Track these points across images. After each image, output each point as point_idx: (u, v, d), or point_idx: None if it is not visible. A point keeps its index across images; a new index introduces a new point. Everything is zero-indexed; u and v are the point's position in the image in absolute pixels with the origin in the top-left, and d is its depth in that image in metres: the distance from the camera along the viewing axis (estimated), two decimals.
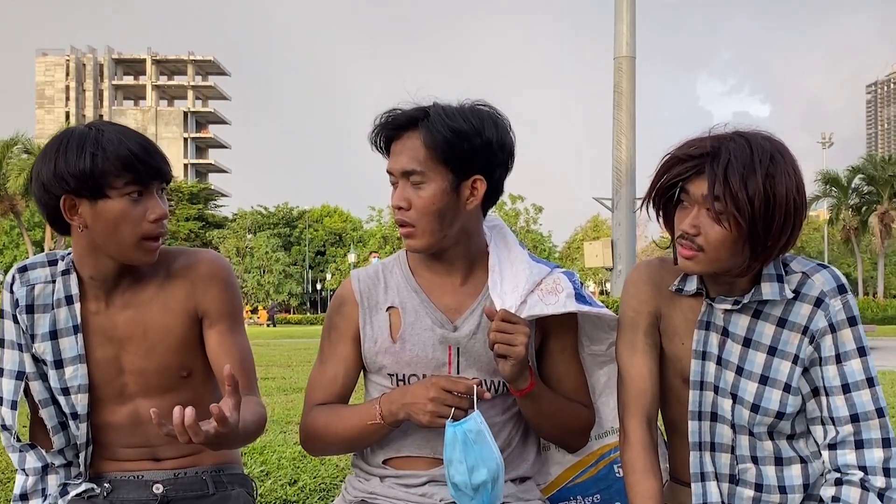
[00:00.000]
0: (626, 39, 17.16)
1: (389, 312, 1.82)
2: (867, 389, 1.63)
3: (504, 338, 1.65)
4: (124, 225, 1.69)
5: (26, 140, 43.16)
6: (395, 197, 1.75)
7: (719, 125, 1.64)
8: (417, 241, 1.76)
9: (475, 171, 1.73)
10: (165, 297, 1.82)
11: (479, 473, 1.61)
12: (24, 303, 1.81)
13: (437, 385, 1.66)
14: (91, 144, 1.66)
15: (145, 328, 1.80)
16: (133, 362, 1.81)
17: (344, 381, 1.86)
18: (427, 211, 1.73)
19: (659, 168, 1.65)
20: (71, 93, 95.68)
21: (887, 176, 43.19)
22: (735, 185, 1.53)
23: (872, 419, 1.63)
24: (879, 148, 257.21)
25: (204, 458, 1.90)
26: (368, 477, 1.85)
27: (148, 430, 1.82)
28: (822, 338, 1.65)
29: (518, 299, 1.74)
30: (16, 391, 1.82)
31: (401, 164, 1.73)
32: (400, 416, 1.70)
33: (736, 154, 1.55)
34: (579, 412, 1.86)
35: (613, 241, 17.72)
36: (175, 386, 1.84)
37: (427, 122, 1.71)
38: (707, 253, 1.59)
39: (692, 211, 1.60)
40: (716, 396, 1.71)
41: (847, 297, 1.65)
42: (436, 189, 1.72)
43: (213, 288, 1.85)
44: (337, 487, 3.38)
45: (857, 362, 1.64)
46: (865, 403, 1.63)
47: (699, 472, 1.71)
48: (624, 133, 17.41)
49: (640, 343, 1.78)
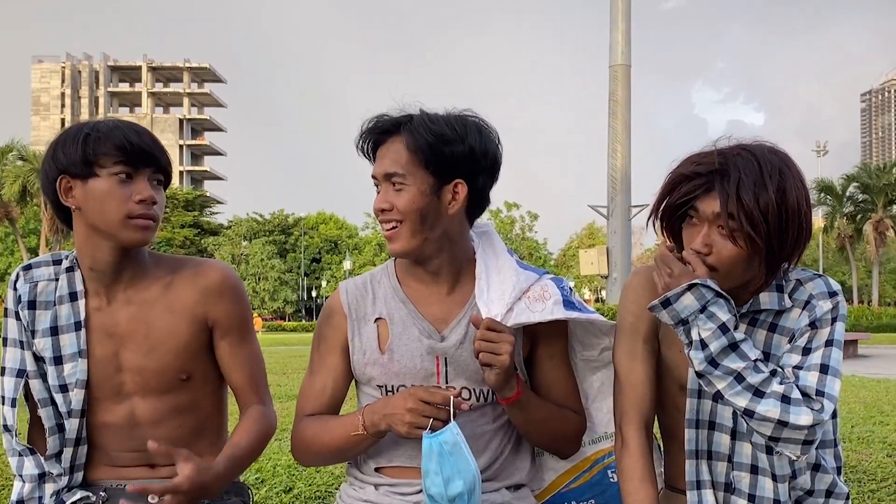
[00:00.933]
0: (622, 48, 17.24)
1: (377, 324, 1.82)
2: (815, 372, 1.56)
3: (489, 346, 1.65)
4: (110, 203, 1.73)
5: (21, 147, 43.15)
6: (378, 200, 1.77)
7: (722, 138, 1.63)
8: (399, 244, 1.76)
9: (456, 175, 1.75)
10: (170, 300, 1.84)
11: (454, 485, 1.60)
12: (27, 298, 1.83)
13: (415, 396, 1.65)
14: (88, 128, 1.75)
15: (148, 327, 1.82)
16: (132, 360, 1.82)
17: (333, 391, 1.86)
18: (408, 210, 1.73)
19: (665, 186, 1.64)
20: (67, 99, 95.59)
21: (882, 184, 43.34)
22: (749, 202, 1.52)
23: (810, 386, 1.54)
24: (874, 156, 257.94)
25: None
26: (363, 485, 1.85)
27: (143, 434, 1.82)
28: (802, 334, 1.62)
29: (504, 307, 1.74)
30: (16, 389, 1.82)
31: (383, 167, 1.75)
32: (381, 426, 1.70)
33: (745, 170, 1.54)
34: (570, 419, 1.86)
35: (609, 249, 17.76)
36: (173, 388, 1.85)
37: (410, 126, 1.73)
38: (719, 271, 1.57)
39: (703, 228, 1.59)
40: (714, 404, 1.71)
41: (837, 299, 1.64)
42: (416, 191, 1.73)
43: (223, 299, 1.87)
44: (332, 495, 3.37)
45: (819, 352, 1.58)
46: (809, 380, 1.54)
47: (695, 479, 1.71)
48: (619, 141, 17.47)
49: (640, 349, 1.78)
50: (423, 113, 1.76)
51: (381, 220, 1.78)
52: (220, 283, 1.87)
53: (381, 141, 1.78)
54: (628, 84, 17.35)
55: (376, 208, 1.78)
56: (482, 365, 1.68)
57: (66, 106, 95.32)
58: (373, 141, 1.79)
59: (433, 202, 1.74)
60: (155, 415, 1.84)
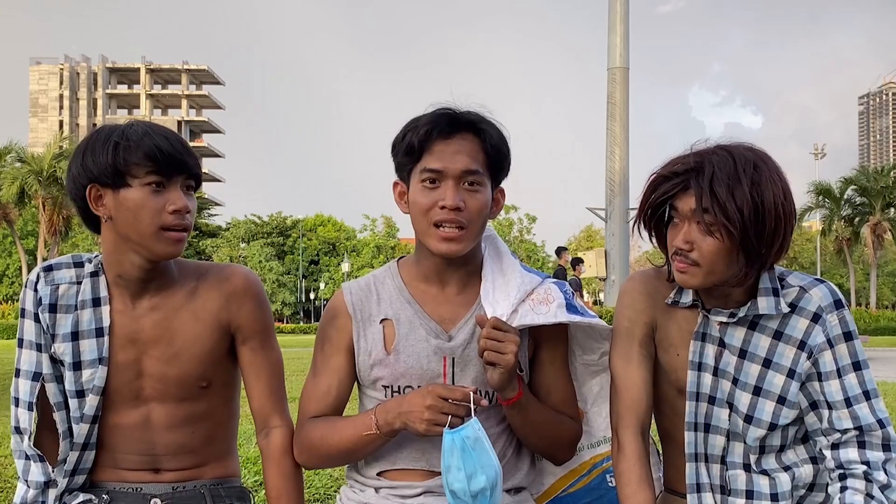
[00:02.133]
0: (620, 51, 17.26)
1: (383, 325, 1.82)
2: (865, 402, 1.65)
3: (494, 345, 1.65)
4: (144, 214, 1.70)
5: (20, 148, 42.99)
6: (452, 197, 1.70)
7: (700, 141, 1.67)
8: (462, 246, 1.74)
9: (500, 181, 1.80)
10: (196, 306, 1.83)
11: (477, 480, 1.61)
12: (48, 301, 1.81)
13: (433, 393, 1.65)
14: (117, 135, 1.71)
15: (172, 334, 1.80)
16: (154, 367, 1.81)
17: (338, 393, 1.85)
18: (480, 215, 1.74)
19: (646, 188, 1.68)
20: (65, 101, 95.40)
21: (880, 187, 43.32)
22: (722, 195, 1.55)
23: (875, 430, 1.65)
24: (872, 159, 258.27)
25: (204, 472, 1.90)
26: (363, 488, 1.85)
27: (155, 437, 1.83)
28: (821, 354, 1.66)
29: (509, 308, 1.75)
30: (31, 392, 1.80)
31: (463, 163, 1.72)
32: (396, 425, 1.69)
33: (719, 166, 1.58)
34: (567, 424, 1.86)
35: (607, 252, 17.78)
36: (191, 396, 1.84)
37: (485, 125, 1.75)
38: (702, 266, 1.61)
39: (683, 227, 1.62)
40: (711, 407, 1.72)
41: (844, 311, 1.67)
42: (487, 194, 1.76)
43: (247, 304, 1.86)
44: (331, 498, 3.37)
45: (853, 376, 1.66)
46: (867, 415, 1.65)
47: (695, 482, 1.72)
48: (617, 144, 17.48)
49: (635, 354, 1.79)
50: (483, 114, 1.77)
51: (446, 220, 1.71)
52: (244, 288, 1.86)
53: (449, 134, 1.73)
54: (626, 87, 17.36)
55: (451, 205, 1.70)
56: (486, 364, 1.67)
57: (65, 108, 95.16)
58: (439, 132, 1.72)
59: (489, 207, 1.77)
60: (170, 421, 1.83)
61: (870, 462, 1.64)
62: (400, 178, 1.81)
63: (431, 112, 1.75)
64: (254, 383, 1.90)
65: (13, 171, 41.25)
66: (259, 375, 1.89)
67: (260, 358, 1.89)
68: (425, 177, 1.72)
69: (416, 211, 1.75)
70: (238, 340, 1.88)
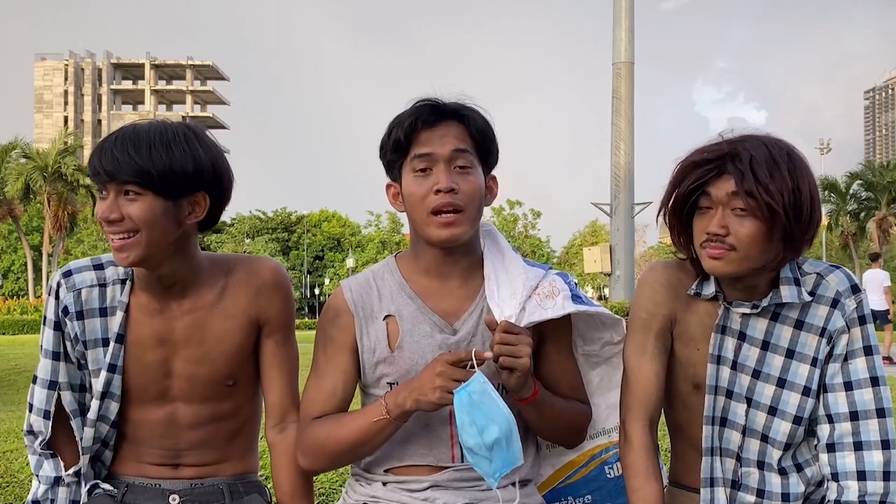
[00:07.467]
0: (625, 45, 17.21)
1: (387, 321, 1.81)
2: (869, 388, 1.64)
3: (508, 350, 1.64)
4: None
5: (25, 144, 43.11)
6: (445, 179, 1.71)
7: (727, 131, 1.66)
8: (462, 229, 1.73)
9: (491, 167, 1.80)
10: (226, 304, 1.82)
11: (490, 432, 1.60)
12: (74, 309, 1.79)
13: (440, 361, 1.65)
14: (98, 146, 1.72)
15: (203, 334, 1.80)
16: (184, 367, 1.80)
17: (343, 393, 1.84)
18: (475, 197, 1.74)
19: (675, 175, 1.66)
20: (69, 97, 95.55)
21: (885, 182, 43.21)
22: (764, 178, 1.55)
23: (871, 419, 1.63)
24: (878, 154, 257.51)
25: (223, 469, 1.90)
26: (370, 481, 1.84)
27: (179, 434, 1.83)
28: (839, 337, 1.66)
29: (517, 307, 1.73)
30: (48, 401, 1.81)
31: (451, 144, 1.73)
32: (407, 405, 1.67)
33: (755, 151, 1.58)
34: (580, 410, 1.86)
35: (612, 247, 17.72)
36: (218, 395, 1.84)
37: (468, 111, 1.76)
38: (739, 251, 1.59)
39: (716, 213, 1.61)
40: (727, 401, 1.71)
41: (861, 296, 1.67)
42: (479, 178, 1.76)
43: (277, 297, 1.86)
44: (336, 493, 3.37)
45: (861, 360, 1.65)
46: (867, 402, 1.63)
47: (709, 476, 1.71)
48: (622, 138, 17.43)
49: (651, 346, 1.77)
50: (468, 103, 1.78)
51: (442, 205, 1.71)
52: (274, 281, 1.86)
53: (434, 123, 1.74)
54: (632, 81, 17.32)
55: (445, 187, 1.70)
56: (502, 368, 1.66)
57: (69, 104, 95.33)
58: (423, 121, 1.74)
59: (483, 192, 1.77)
60: (196, 419, 1.83)
61: (866, 472, 1.62)
62: (392, 178, 1.82)
63: (413, 106, 1.77)
64: (275, 376, 1.89)
65: (18, 167, 41.37)
66: (281, 369, 1.89)
67: (283, 352, 1.89)
68: (416, 165, 1.73)
69: (412, 202, 1.75)
70: (263, 333, 1.87)
